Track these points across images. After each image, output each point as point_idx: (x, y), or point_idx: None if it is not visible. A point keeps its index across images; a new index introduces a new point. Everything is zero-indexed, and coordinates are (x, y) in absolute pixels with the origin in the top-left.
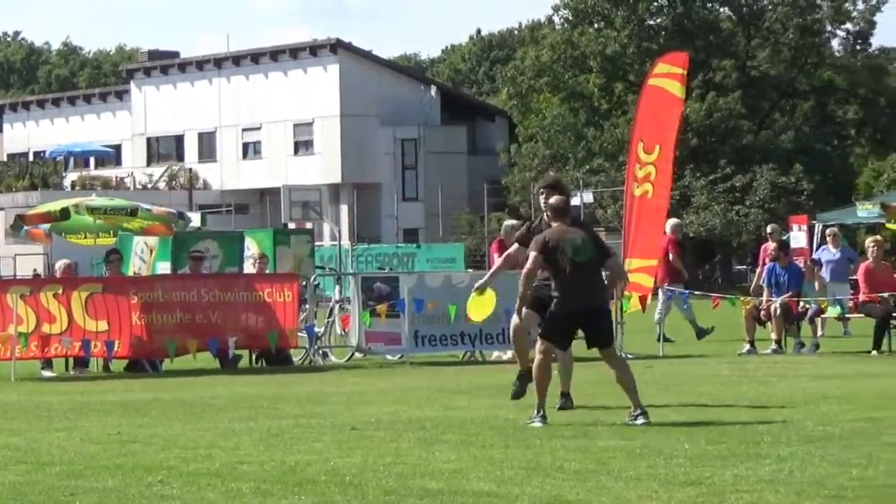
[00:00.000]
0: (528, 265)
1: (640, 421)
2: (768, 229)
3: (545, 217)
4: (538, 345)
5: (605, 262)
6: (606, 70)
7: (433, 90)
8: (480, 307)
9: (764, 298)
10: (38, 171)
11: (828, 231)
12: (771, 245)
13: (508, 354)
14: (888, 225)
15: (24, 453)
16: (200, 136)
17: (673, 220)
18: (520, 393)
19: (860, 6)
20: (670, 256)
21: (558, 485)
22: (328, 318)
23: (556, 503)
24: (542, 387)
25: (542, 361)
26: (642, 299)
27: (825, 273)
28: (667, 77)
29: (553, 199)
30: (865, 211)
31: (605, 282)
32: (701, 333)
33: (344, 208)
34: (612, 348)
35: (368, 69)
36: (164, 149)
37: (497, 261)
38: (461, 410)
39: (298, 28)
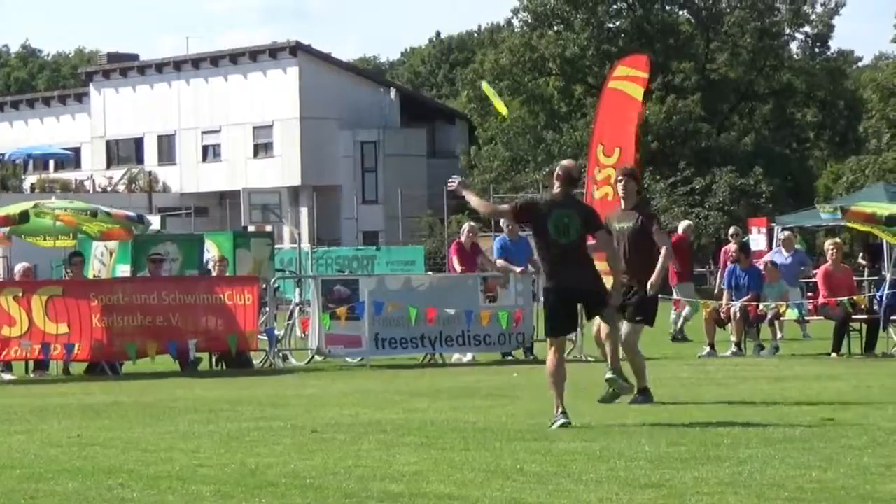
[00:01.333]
0: (501, 207)
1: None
2: (731, 231)
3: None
4: (547, 345)
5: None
6: (566, 73)
7: (392, 93)
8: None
9: (724, 300)
10: None
11: (781, 235)
12: (732, 247)
13: (468, 357)
14: (849, 224)
15: None
16: (160, 138)
17: (686, 222)
18: (619, 392)
19: (818, 9)
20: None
21: (518, 487)
22: (288, 320)
23: None
24: (558, 386)
25: (556, 360)
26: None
27: None
28: (626, 80)
29: (566, 162)
30: (826, 214)
31: (609, 260)
32: (676, 339)
33: (304, 211)
34: (610, 310)
35: (328, 72)
36: (123, 151)
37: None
38: (421, 413)
39: (258, 31)
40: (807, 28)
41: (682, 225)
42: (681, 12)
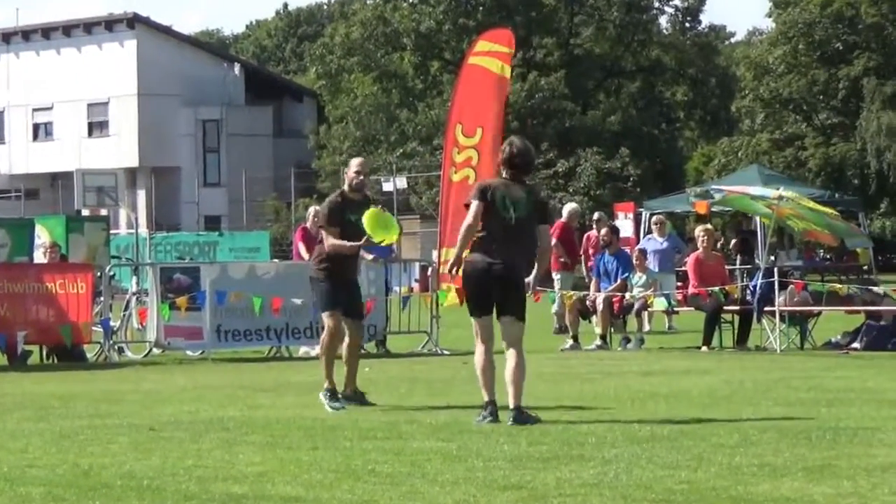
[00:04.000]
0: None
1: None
2: (595, 216)
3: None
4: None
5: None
6: (421, 48)
7: (237, 68)
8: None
9: (591, 289)
10: None
11: (654, 219)
12: (602, 231)
13: (317, 350)
14: (727, 198)
15: None
16: None
17: (571, 205)
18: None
19: None
20: (553, 241)
21: (370, 489)
22: (124, 311)
23: None
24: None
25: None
26: (460, 292)
27: (651, 263)
28: (488, 55)
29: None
30: (698, 198)
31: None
32: (562, 331)
33: (141, 194)
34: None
35: (168, 46)
36: None
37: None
38: (266, 410)
39: (93, 1)
40: (676, 1)
41: (566, 209)
42: None
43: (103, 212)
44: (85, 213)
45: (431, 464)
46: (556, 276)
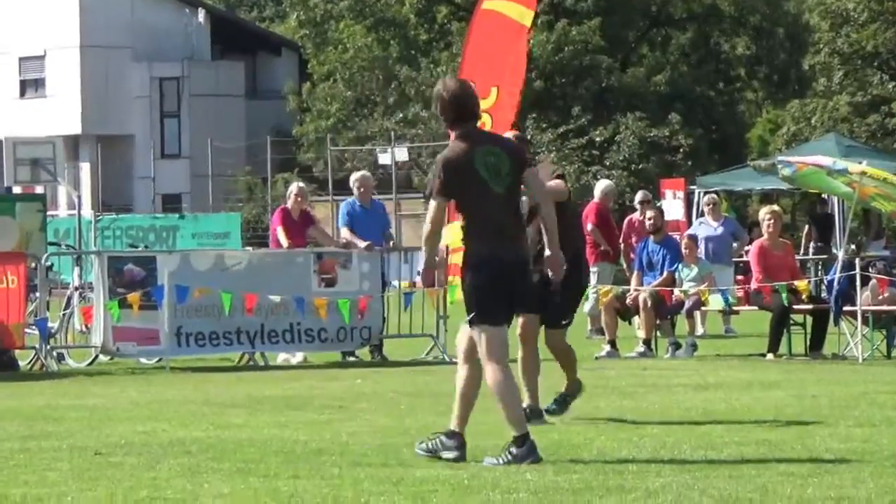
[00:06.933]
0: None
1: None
2: (638, 197)
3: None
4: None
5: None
6: None
7: (201, 15)
8: None
9: (633, 284)
10: None
11: (706, 199)
12: (649, 213)
13: (298, 357)
14: (798, 177)
15: None
16: None
17: (605, 182)
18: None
19: None
20: (588, 227)
21: None
22: (65, 309)
23: None
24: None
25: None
26: None
27: (702, 253)
28: None
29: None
30: (763, 174)
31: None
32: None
33: (85, 167)
34: None
35: None
36: None
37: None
38: (237, 430)
39: None
40: None
41: (600, 187)
42: None
43: (39, 189)
44: (16, 190)
45: (438, 496)
46: (592, 269)
